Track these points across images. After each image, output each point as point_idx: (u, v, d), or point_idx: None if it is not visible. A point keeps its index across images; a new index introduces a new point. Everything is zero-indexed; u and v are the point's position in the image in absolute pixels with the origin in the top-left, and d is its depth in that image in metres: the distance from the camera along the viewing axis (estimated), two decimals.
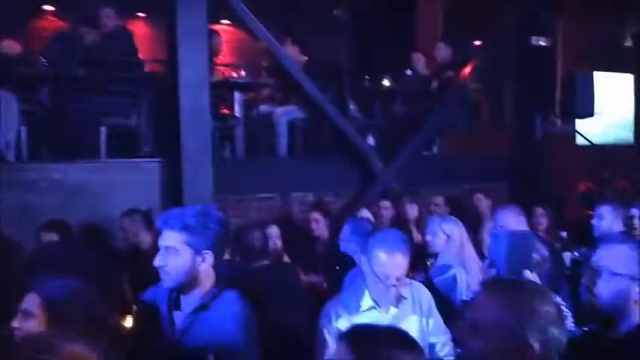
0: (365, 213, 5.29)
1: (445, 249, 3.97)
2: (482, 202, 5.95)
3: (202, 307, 2.32)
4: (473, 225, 5.32)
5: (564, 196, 7.51)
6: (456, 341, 2.74)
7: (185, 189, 5.31)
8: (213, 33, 6.22)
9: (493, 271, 2.11)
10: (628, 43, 11.31)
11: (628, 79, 10.98)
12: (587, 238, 4.41)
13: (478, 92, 8.34)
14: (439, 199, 5.88)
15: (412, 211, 5.70)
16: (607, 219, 4.24)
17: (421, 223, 5.46)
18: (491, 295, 1.58)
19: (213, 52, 6.21)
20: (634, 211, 4.22)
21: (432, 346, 2.92)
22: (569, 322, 2.72)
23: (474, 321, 1.57)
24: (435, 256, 4.02)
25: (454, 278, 3.75)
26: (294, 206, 6.41)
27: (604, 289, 1.94)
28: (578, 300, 2.32)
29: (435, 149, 7.86)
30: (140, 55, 6.59)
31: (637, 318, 1.92)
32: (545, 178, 7.41)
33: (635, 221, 4.18)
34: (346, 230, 4.18)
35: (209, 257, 2.32)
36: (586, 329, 2.21)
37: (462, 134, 8.60)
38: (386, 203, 5.80)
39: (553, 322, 1.49)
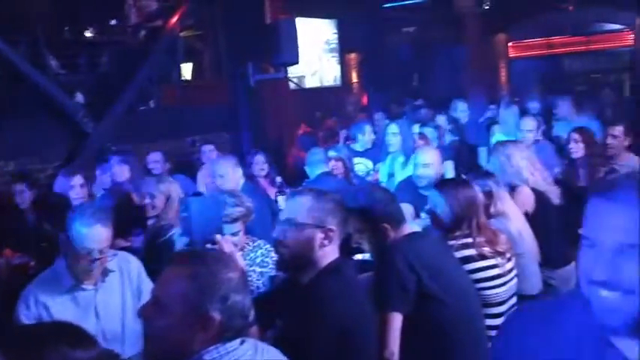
0: (77, 180, 4.84)
1: (165, 209, 3.85)
2: (212, 154, 5.85)
3: None
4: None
5: (283, 140, 7.86)
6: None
7: None
8: None
9: (185, 240, 2.05)
10: None
11: (331, 24, 11.80)
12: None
13: (198, 40, 8.17)
14: (157, 155, 5.60)
15: (123, 172, 5.30)
16: (314, 161, 4.45)
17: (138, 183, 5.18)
18: (173, 270, 1.49)
19: None
20: (330, 153, 4.53)
21: None
22: (272, 269, 2.83)
23: (157, 298, 1.47)
24: (156, 217, 3.88)
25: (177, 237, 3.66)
26: None
27: (292, 239, 2.00)
28: None
29: (152, 103, 7.55)
30: None
31: (322, 264, 2.02)
32: (262, 124, 7.64)
33: (333, 163, 4.49)
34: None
35: None
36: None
37: (182, 85, 8.43)
38: (100, 168, 5.36)
39: (235, 288, 1.47)
